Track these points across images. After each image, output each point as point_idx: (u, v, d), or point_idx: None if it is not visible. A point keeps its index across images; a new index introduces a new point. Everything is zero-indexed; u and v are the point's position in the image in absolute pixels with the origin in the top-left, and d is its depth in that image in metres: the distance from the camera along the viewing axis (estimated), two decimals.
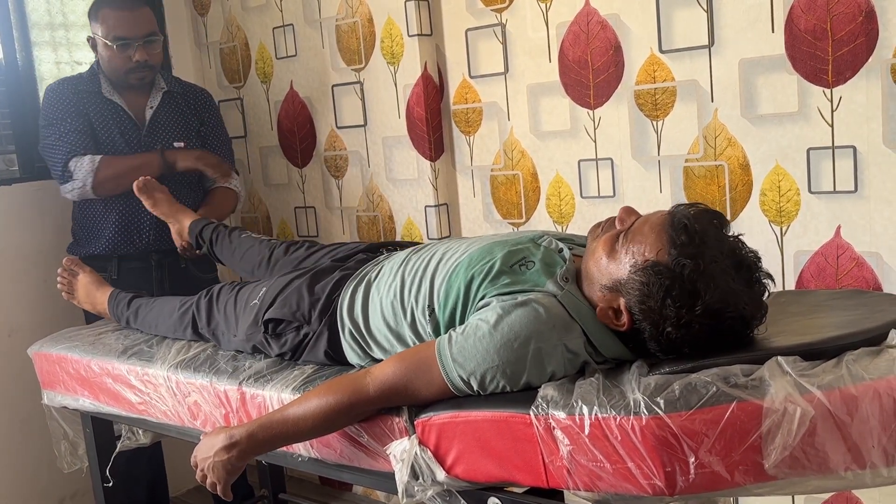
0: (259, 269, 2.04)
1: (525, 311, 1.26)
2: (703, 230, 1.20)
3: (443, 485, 1.30)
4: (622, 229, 1.29)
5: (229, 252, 2.16)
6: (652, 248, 1.21)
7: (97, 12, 2.36)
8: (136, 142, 2.44)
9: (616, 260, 1.26)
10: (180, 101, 2.54)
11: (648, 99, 2.05)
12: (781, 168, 1.89)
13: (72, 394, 2.04)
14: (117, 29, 2.33)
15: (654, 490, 1.11)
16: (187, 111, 2.54)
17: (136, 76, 2.41)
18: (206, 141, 2.58)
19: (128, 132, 2.44)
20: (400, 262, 1.56)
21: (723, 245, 1.21)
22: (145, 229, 2.46)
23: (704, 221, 1.22)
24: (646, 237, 1.23)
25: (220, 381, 1.67)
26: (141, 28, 2.36)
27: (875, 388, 1.07)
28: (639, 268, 1.22)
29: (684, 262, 1.17)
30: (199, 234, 2.25)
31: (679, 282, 1.18)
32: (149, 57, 2.38)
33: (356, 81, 2.59)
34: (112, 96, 2.43)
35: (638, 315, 1.23)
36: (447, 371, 1.29)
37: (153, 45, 2.40)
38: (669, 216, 1.23)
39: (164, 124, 2.48)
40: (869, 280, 1.82)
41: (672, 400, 1.09)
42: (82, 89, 2.42)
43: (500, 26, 2.28)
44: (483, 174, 2.41)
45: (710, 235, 1.20)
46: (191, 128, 2.54)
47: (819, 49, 1.79)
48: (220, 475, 1.44)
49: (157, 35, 2.41)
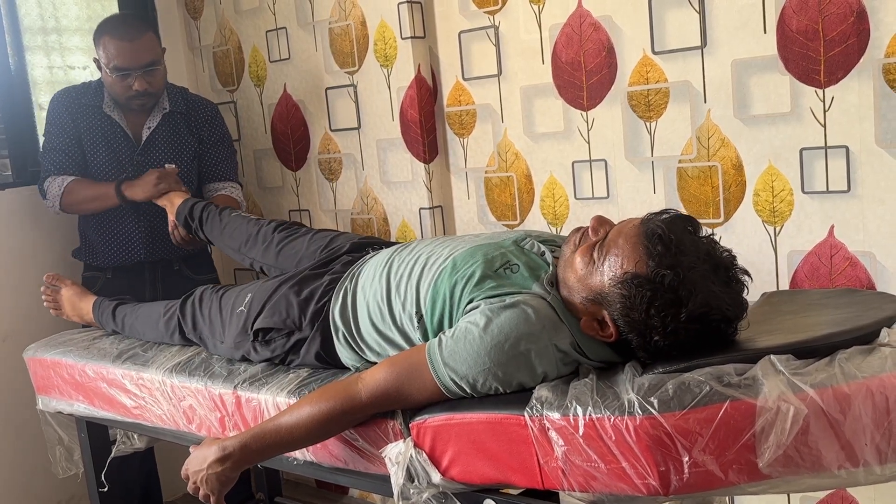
0: (245, 247, 2.02)
1: (514, 312, 1.27)
2: (678, 238, 1.20)
3: (438, 487, 1.30)
4: (596, 240, 1.29)
5: (218, 230, 2.13)
6: (629, 260, 1.22)
7: (99, 38, 2.36)
8: (128, 161, 2.44)
9: (594, 272, 1.26)
10: (179, 122, 2.53)
11: (641, 100, 2.05)
12: (774, 168, 1.90)
13: (66, 399, 2.03)
14: (117, 59, 2.32)
15: (648, 490, 1.11)
16: (185, 132, 2.53)
17: (137, 103, 2.41)
18: (204, 156, 2.58)
19: (120, 150, 2.44)
20: (384, 263, 1.55)
21: (698, 249, 1.22)
22: (135, 245, 2.48)
23: (678, 229, 1.22)
24: (621, 249, 1.23)
25: (214, 385, 1.67)
26: (141, 58, 2.34)
27: (868, 386, 1.08)
28: (618, 280, 1.22)
29: (663, 273, 1.18)
30: (189, 213, 2.22)
31: (661, 292, 1.18)
32: (149, 86, 2.37)
33: (350, 84, 2.59)
34: (112, 113, 2.44)
35: (623, 327, 1.24)
36: (439, 375, 1.29)
37: (154, 73, 2.39)
38: (642, 226, 1.23)
39: (159, 145, 2.48)
40: (862, 279, 1.82)
41: (666, 399, 1.09)
42: (83, 102, 2.43)
43: (493, 28, 2.28)
44: (477, 176, 2.41)
45: (686, 242, 1.21)
46: (187, 149, 2.52)
47: (811, 49, 1.80)
48: (213, 487, 1.43)
49: (157, 63, 2.39)
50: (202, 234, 2.21)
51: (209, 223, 2.17)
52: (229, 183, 2.61)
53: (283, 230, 1.98)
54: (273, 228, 2.00)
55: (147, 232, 2.46)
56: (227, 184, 2.60)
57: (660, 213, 1.26)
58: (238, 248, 2.05)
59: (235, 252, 2.07)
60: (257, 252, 1.99)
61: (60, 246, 2.64)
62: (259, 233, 2.01)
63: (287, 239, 1.95)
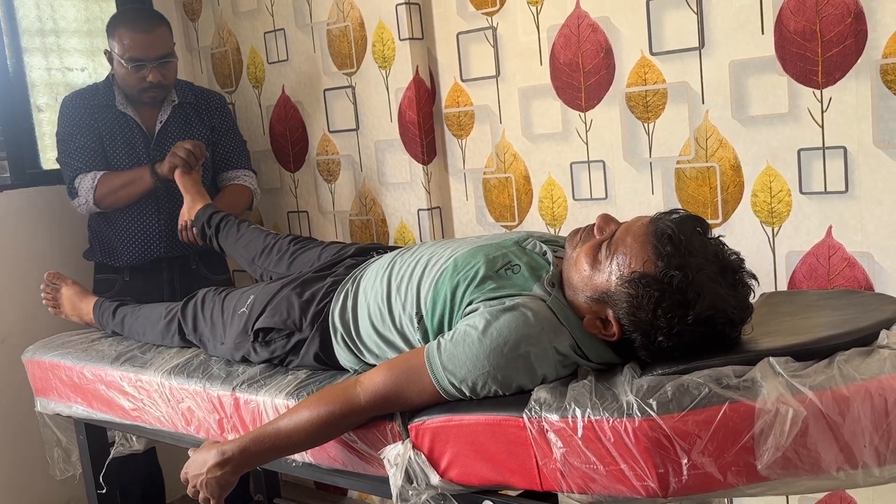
0: (260, 258, 2.04)
1: (513, 315, 1.26)
2: (687, 239, 1.20)
3: (437, 489, 1.30)
4: (603, 238, 1.28)
5: (234, 240, 2.15)
6: (637, 260, 1.21)
7: (114, 29, 2.38)
8: (144, 154, 2.47)
9: (600, 271, 1.26)
10: (190, 112, 2.55)
11: (639, 101, 2.05)
12: (772, 169, 1.90)
13: (65, 401, 2.03)
14: (133, 50, 2.35)
15: (647, 491, 1.11)
16: (196, 121, 2.56)
17: (149, 95, 2.44)
18: (217, 145, 2.60)
19: (137, 145, 2.46)
20: (385, 265, 1.55)
21: (707, 251, 1.21)
22: (154, 241, 2.48)
23: (687, 229, 1.21)
24: (630, 248, 1.22)
25: (213, 387, 1.67)
26: (156, 50, 2.37)
27: (866, 388, 1.08)
28: (626, 280, 1.21)
29: (672, 273, 1.17)
30: (208, 220, 2.24)
31: (669, 293, 1.18)
32: (162, 77, 2.40)
33: (348, 86, 2.59)
34: (125, 109, 2.47)
35: (628, 326, 1.23)
36: (438, 379, 1.29)
37: (167, 66, 2.42)
38: (652, 225, 1.23)
39: (172, 136, 2.50)
40: (860, 280, 1.82)
41: (664, 401, 1.09)
42: (96, 103, 2.45)
43: (491, 30, 2.28)
44: (475, 177, 2.41)
45: (695, 243, 1.20)
46: (199, 137, 2.55)
47: (809, 50, 1.80)
48: (213, 491, 1.43)
49: (172, 56, 2.43)
50: (215, 242, 2.23)
51: (225, 232, 2.19)
52: (243, 171, 2.63)
53: (297, 242, 2.01)
54: (289, 241, 2.02)
55: (167, 226, 2.47)
56: (242, 171, 2.62)
57: (669, 212, 1.25)
58: (252, 259, 2.06)
59: (248, 263, 2.08)
60: (270, 262, 2.00)
61: (60, 248, 2.64)
62: (275, 245, 2.03)
63: (300, 250, 1.97)
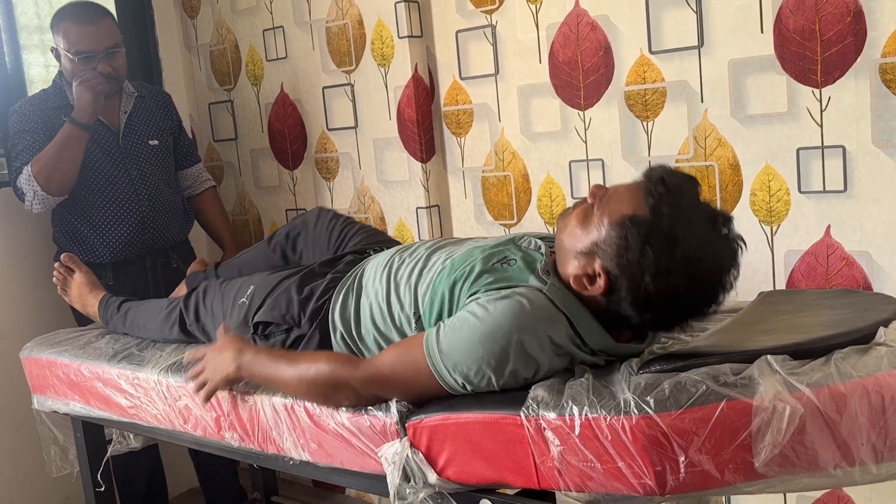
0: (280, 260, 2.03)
1: (509, 303, 1.27)
2: (678, 183, 1.24)
3: (434, 487, 1.30)
4: (593, 202, 1.31)
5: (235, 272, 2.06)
6: (629, 205, 1.24)
7: (58, 24, 2.33)
8: (113, 148, 2.43)
9: (591, 225, 1.29)
10: (150, 104, 2.57)
11: (638, 100, 2.05)
12: (771, 168, 1.90)
13: (62, 398, 2.03)
14: (80, 43, 2.30)
15: (644, 489, 1.11)
16: (157, 112, 2.58)
17: None
18: (177, 143, 2.64)
19: (103, 140, 2.42)
20: (384, 264, 1.56)
21: (698, 198, 1.25)
22: (135, 229, 2.44)
23: (681, 177, 1.26)
24: (622, 196, 1.26)
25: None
26: (103, 41, 2.33)
27: (864, 385, 1.08)
28: (616, 223, 1.24)
29: (662, 209, 1.20)
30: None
31: (658, 229, 1.20)
32: (112, 69, 2.35)
33: (347, 83, 2.59)
34: None
35: (615, 271, 1.24)
36: (433, 361, 1.30)
37: (116, 56, 2.37)
38: (646, 173, 1.27)
39: (139, 126, 2.50)
40: (859, 279, 1.82)
41: (662, 399, 1.09)
42: (50, 106, 2.38)
43: (490, 28, 2.28)
44: (474, 175, 2.41)
45: (685, 189, 1.24)
46: (164, 126, 2.58)
47: (808, 49, 1.80)
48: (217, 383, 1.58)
49: (119, 47, 2.38)
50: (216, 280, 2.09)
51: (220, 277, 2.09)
52: (197, 166, 2.71)
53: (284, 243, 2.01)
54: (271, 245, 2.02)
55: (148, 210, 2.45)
56: (196, 168, 2.71)
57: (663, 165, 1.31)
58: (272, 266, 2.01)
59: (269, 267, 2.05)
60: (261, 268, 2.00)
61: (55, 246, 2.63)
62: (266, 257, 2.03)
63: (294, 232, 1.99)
